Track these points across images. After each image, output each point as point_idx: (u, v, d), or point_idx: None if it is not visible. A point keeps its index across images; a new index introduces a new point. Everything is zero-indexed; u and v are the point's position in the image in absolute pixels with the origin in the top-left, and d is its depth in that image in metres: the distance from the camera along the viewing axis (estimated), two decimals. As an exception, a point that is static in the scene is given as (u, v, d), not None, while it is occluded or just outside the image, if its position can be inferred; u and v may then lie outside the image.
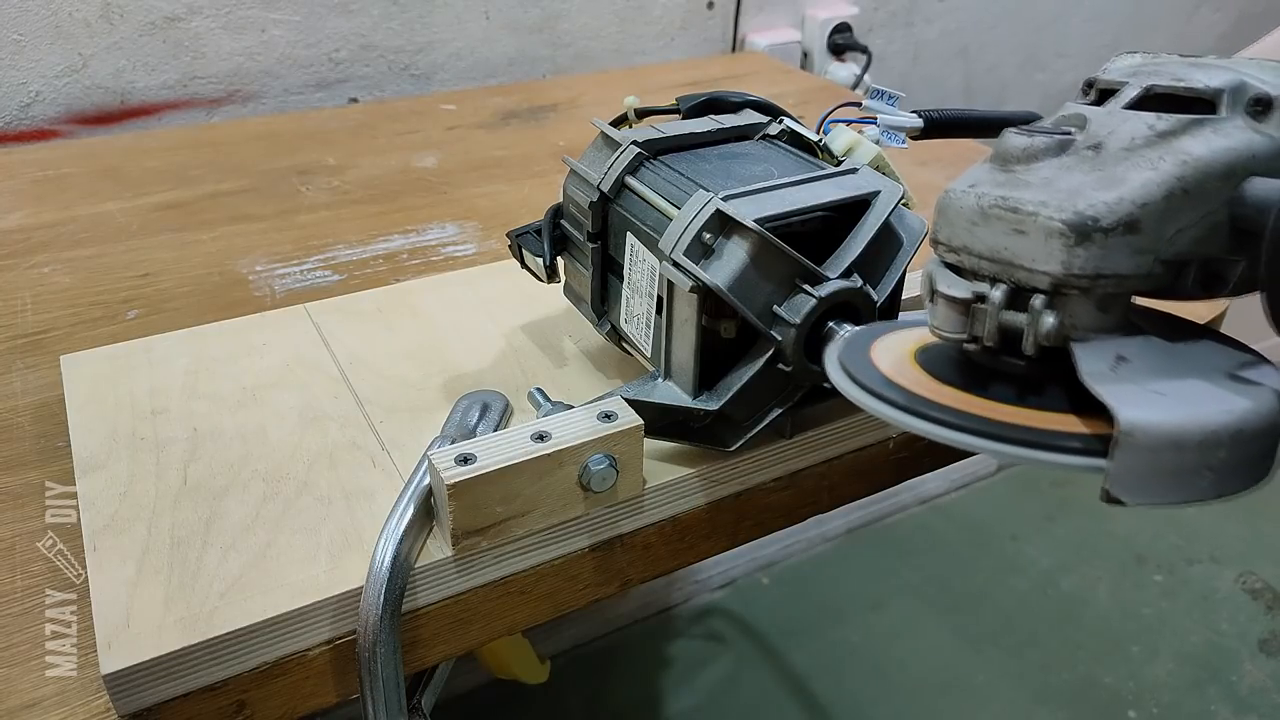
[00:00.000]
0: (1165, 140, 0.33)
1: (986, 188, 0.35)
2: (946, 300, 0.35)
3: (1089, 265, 0.32)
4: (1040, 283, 0.33)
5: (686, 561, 0.49)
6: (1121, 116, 0.35)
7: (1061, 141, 0.35)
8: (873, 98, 0.56)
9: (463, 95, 0.99)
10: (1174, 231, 0.32)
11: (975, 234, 0.34)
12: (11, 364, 0.56)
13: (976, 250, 0.34)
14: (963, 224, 0.35)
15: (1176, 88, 0.35)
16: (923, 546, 1.65)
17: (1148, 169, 0.32)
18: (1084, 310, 0.33)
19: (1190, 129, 0.33)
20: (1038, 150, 0.35)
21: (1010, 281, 0.34)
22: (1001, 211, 0.33)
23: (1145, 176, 0.32)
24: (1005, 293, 0.34)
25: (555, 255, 0.51)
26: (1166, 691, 1.40)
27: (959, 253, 0.35)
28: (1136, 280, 0.33)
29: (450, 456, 0.40)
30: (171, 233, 0.71)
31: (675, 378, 0.45)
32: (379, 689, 0.39)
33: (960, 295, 0.35)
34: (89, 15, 0.86)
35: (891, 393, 0.35)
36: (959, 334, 0.35)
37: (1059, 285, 0.32)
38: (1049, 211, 0.32)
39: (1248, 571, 1.61)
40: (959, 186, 0.35)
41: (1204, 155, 0.32)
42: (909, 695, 1.39)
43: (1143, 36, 1.56)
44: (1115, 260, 0.32)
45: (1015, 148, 0.35)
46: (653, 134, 0.49)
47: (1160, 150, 0.33)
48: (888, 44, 1.30)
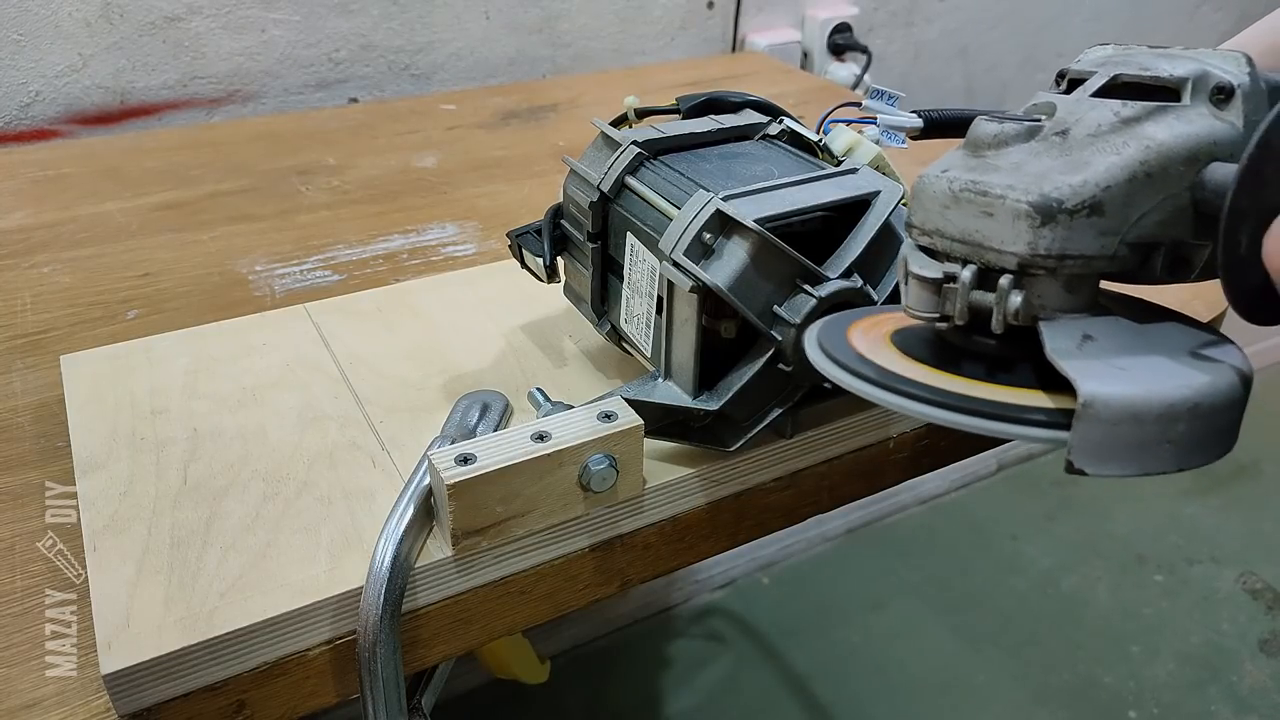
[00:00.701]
0: (1130, 126, 0.34)
1: (958, 172, 0.35)
2: (919, 280, 0.36)
3: (1054, 246, 0.33)
4: (1008, 263, 0.34)
5: (686, 561, 0.49)
6: (1089, 104, 0.35)
7: (1030, 128, 0.36)
8: (872, 98, 0.56)
9: (463, 95, 0.99)
10: (1138, 215, 0.33)
11: (947, 217, 0.35)
12: (11, 364, 0.56)
13: (948, 233, 0.35)
14: (936, 208, 0.36)
15: (1143, 76, 0.36)
16: (923, 546, 1.65)
17: (1112, 153, 0.33)
18: (1052, 291, 0.34)
19: (1154, 115, 0.34)
20: (1007, 136, 0.36)
21: (980, 263, 0.35)
22: (972, 195, 0.34)
23: (1109, 161, 0.33)
24: (974, 273, 0.35)
25: (555, 255, 0.51)
26: (1167, 691, 1.40)
27: (932, 235, 0.36)
28: (1102, 261, 0.33)
29: (450, 456, 0.40)
30: (171, 233, 0.71)
31: (675, 378, 0.45)
32: (379, 689, 0.39)
33: (931, 275, 0.36)
34: (89, 15, 0.86)
35: (865, 369, 0.36)
36: (931, 313, 0.36)
37: (1025, 265, 0.33)
38: (1016, 194, 0.33)
39: (1248, 571, 1.61)
40: (932, 172, 0.36)
41: (1167, 140, 0.33)
42: (909, 695, 1.39)
43: (1143, 36, 1.56)
44: (1080, 241, 0.33)
45: (986, 134, 0.36)
46: (653, 134, 0.49)
47: (1125, 135, 0.34)
48: (888, 44, 1.30)
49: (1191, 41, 0.40)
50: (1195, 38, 1.62)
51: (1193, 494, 1.77)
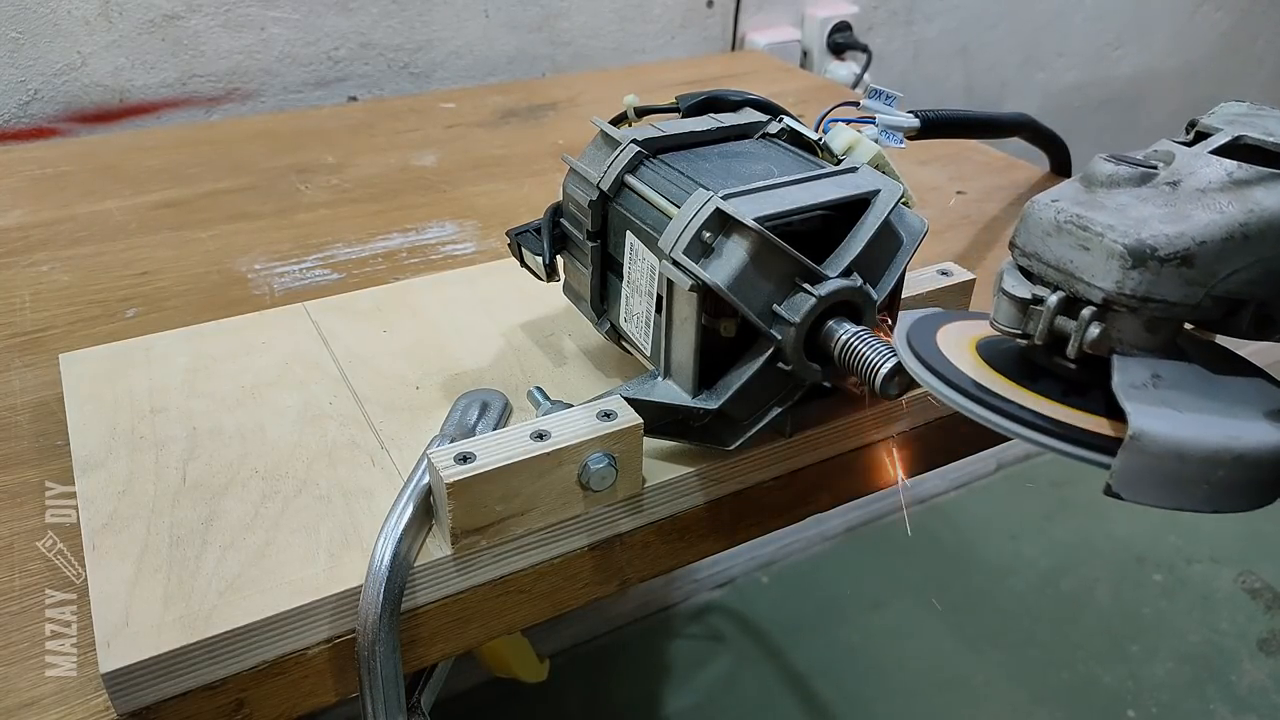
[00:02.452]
0: (1239, 188, 0.36)
1: (1067, 204, 0.38)
2: (1008, 298, 0.39)
3: (1140, 288, 0.35)
4: (1094, 296, 0.36)
5: (685, 560, 0.49)
6: (1205, 160, 0.38)
7: (1144, 174, 0.38)
8: (871, 97, 0.56)
9: (462, 94, 0.99)
10: (1228, 272, 0.35)
11: (1047, 243, 0.38)
12: (10, 362, 0.56)
13: (1045, 258, 0.38)
14: (1039, 233, 0.38)
15: (1265, 141, 0.38)
16: (923, 546, 1.65)
17: (1215, 212, 0.35)
18: (1131, 328, 0.36)
19: (1266, 181, 0.36)
20: (1120, 178, 0.38)
21: (1069, 291, 0.37)
22: (1073, 228, 0.36)
23: (1210, 218, 0.35)
24: (1061, 299, 0.37)
25: (555, 254, 0.51)
26: (1166, 691, 1.40)
27: (1030, 258, 0.38)
28: (1184, 309, 0.35)
29: (449, 455, 0.40)
30: (170, 231, 0.71)
31: (675, 377, 0.45)
32: (378, 688, 0.39)
33: (1021, 295, 0.38)
34: (88, 13, 0.86)
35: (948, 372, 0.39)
36: (1014, 329, 0.39)
37: (1110, 301, 0.35)
38: (1114, 235, 0.35)
39: (1247, 571, 1.61)
40: (1044, 199, 0.39)
41: (1271, 207, 0.35)
42: (908, 694, 1.39)
43: (1144, 36, 1.56)
44: (1165, 288, 0.35)
45: (1101, 173, 0.39)
46: (652, 133, 0.49)
47: (1231, 196, 0.36)
48: (887, 43, 1.30)
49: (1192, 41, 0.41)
50: (1195, 37, 1.63)
51: (1192, 493, 1.76)
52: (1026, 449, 1.82)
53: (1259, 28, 1.70)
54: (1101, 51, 1.54)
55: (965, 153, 0.88)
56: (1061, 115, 1.52)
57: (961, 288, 0.54)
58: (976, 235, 0.74)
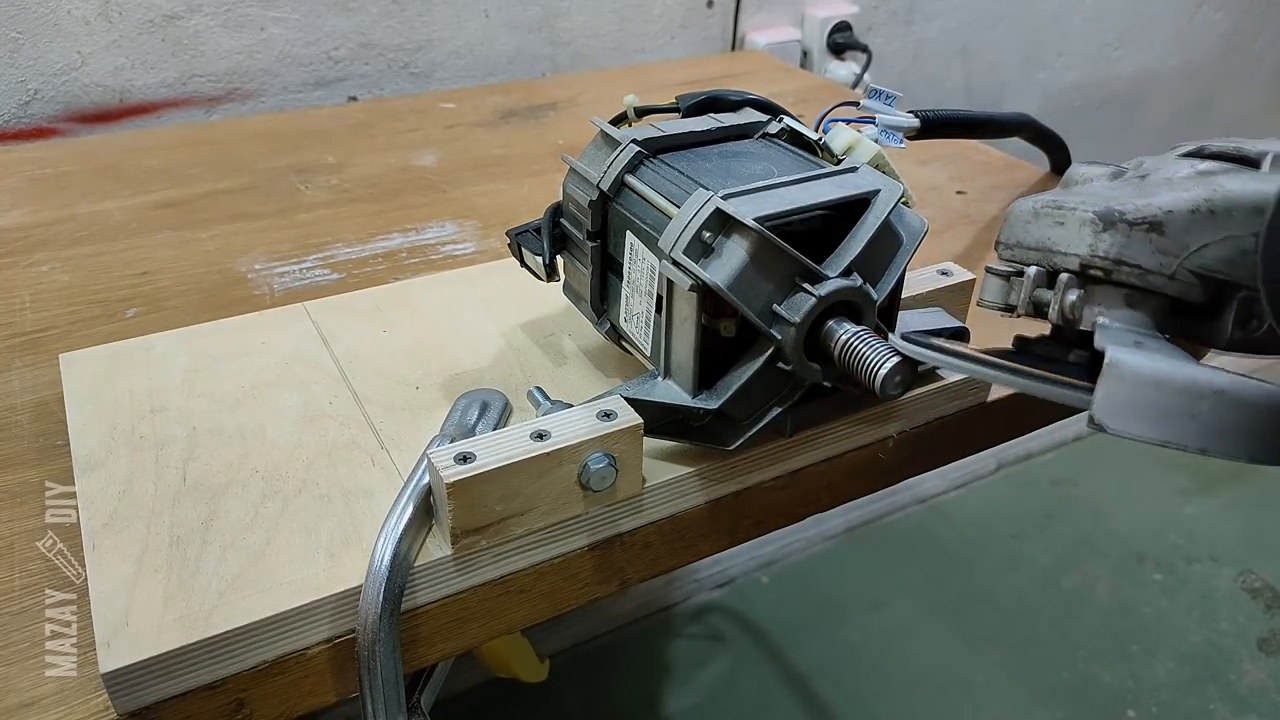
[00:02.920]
0: (1204, 176, 0.39)
1: (1044, 196, 0.41)
2: (992, 274, 0.42)
3: (1111, 249, 0.37)
4: (1070, 264, 0.38)
5: (686, 560, 0.49)
6: (1174, 161, 0.41)
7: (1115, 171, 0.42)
8: (871, 97, 0.56)
9: (462, 94, 0.99)
10: (1199, 244, 0.37)
11: (1027, 229, 0.41)
12: (10, 362, 0.56)
13: (1026, 243, 0.41)
14: (1020, 223, 0.42)
15: (1227, 150, 0.40)
16: (923, 546, 1.65)
17: (1180, 190, 0.38)
18: (1112, 298, 0.38)
19: (1230, 171, 0.39)
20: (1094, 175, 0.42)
21: (1049, 266, 0.39)
22: (1049, 210, 0.40)
23: (1176, 194, 0.38)
24: (1040, 272, 0.40)
25: (555, 254, 0.51)
26: (1166, 690, 1.40)
27: (1014, 249, 0.42)
28: (1159, 279, 0.37)
29: (449, 455, 0.40)
30: (170, 231, 0.71)
31: (675, 376, 0.45)
32: (378, 688, 0.39)
33: (1003, 269, 0.42)
34: (88, 13, 0.86)
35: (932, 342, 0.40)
36: (998, 301, 0.42)
37: (1085, 265, 0.38)
38: (1085, 206, 0.38)
39: (1247, 571, 1.61)
40: (1024, 199, 0.42)
41: (1235, 189, 0.37)
42: (909, 694, 1.39)
43: (1144, 36, 1.56)
44: (1137, 252, 0.37)
45: (1077, 174, 0.43)
46: (652, 132, 0.49)
47: (1197, 181, 0.39)
48: (887, 43, 1.30)
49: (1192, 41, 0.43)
50: (1195, 37, 1.63)
51: (1192, 493, 1.77)
52: (1027, 449, 1.82)
53: (1259, 28, 1.70)
54: (1101, 51, 1.54)
55: (965, 153, 0.88)
56: (1061, 115, 1.52)
57: (961, 288, 0.54)
58: (976, 235, 0.74)
